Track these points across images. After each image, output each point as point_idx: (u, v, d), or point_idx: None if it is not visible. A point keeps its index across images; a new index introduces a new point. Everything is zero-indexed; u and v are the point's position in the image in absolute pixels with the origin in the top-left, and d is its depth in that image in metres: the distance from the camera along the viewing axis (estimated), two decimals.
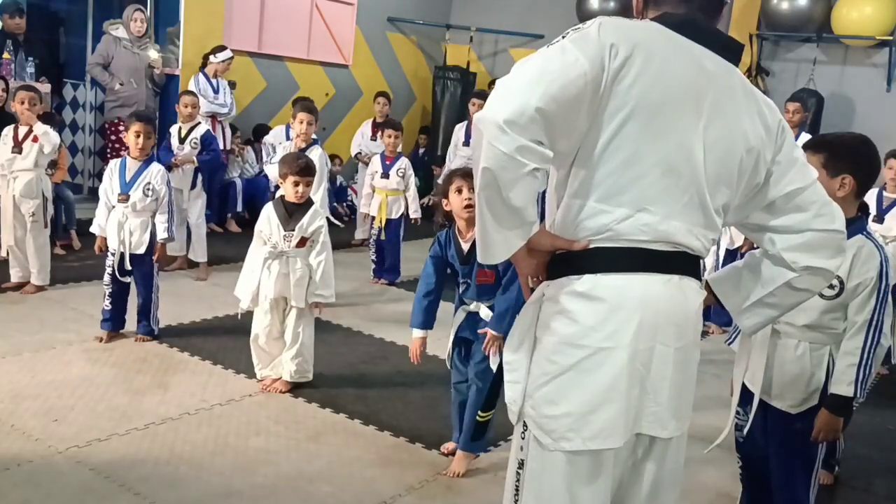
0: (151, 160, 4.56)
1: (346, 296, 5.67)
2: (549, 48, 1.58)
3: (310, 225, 3.88)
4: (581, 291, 1.64)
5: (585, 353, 1.63)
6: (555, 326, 1.66)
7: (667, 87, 1.60)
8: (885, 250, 2.46)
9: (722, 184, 1.69)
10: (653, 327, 1.64)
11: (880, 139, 2.67)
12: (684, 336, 1.70)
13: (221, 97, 7.24)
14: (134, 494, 2.90)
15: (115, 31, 7.01)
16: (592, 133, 1.60)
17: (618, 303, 1.63)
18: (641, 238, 1.63)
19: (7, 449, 3.13)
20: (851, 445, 3.67)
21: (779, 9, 8.08)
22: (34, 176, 5.12)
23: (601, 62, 1.55)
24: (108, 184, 4.45)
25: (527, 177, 1.52)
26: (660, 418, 1.69)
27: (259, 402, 3.82)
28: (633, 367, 1.63)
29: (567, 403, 1.64)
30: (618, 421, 1.64)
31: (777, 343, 2.50)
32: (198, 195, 5.97)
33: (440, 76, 9.78)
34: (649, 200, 1.62)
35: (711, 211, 1.69)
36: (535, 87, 1.51)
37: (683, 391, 1.73)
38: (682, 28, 1.65)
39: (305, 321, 3.95)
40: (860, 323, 2.39)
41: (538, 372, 1.69)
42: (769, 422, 2.55)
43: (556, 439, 1.65)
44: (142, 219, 4.42)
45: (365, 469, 3.26)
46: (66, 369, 3.97)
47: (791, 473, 2.53)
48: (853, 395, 2.39)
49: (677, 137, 1.62)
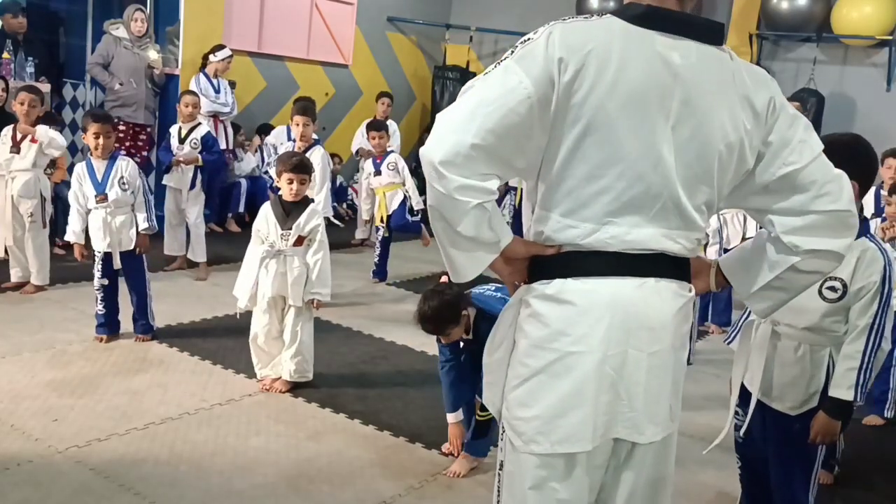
0: (116, 156, 4.48)
1: (346, 296, 5.68)
2: (494, 69, 1.56)
3: (307, 223, 3.89)
4: (550, 294, 1.63)
5: (554, 356, 1.62)
6: (527, 329, 1.67)
7: (625, 94, 1.53)
8: (889, 254, 2.45)
9: (700, 183, 1.63)
10: (624, 331, 1.61)
11: (880, 139, 2.67)
12: (660, 340, 1.65)
13: (223, 97, 7.24)
14: (134, 494, 2.90)
15: (116, 31, 7.01)
16: (552, 148, 1.57)
17: (586, 306, 1.61)
18: (610, 249, 1.61)
19: (7, 449, 3.13)
20: (851, 445, 3.67)
21: (779, 9, 8.07)
22: (32, 176, 5.12)
23: (549, 79, 1.51)
24: (78, 189, 4.39)
25: (472, 210, 1.53)
26: (635, 424, 1.66)
27: (259, 402, 3.82)
28: (602, 372, 1.61)
29: (537, 406, 1.64)
30: (586, 425, 1.62)
31: (777, 344, 2.49)
32: (196, 195, 5.96)
33: (440, 76, 9.79)
34: (615, 213, 1.58)
35: (691, 212, 1.63)
36: (470, 123, 1.51)
37: (662, 396, 1.68)
38: (646, 20, 1.55)
39: (304, 320, 3.95)
40: (861, 327, 2.37)
41: (511, 374, 1.70)
42: (768, 423, 2.54)
43: (526, 441, 1.66)
44: (124, 215, 4.39)
45: (365, 469, 3.26)
46: (66, 369, 3.97)
47: (790, 474, 2.53)
48: (853, 399, 2.38)
49: (641, 145, 1.56)
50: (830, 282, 2.38)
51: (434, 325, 3.10)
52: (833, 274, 2.28)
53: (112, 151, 4.49)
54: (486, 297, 3.27)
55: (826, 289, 2.39)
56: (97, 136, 4.35)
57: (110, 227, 4.35)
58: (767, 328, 2.50)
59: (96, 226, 4.37)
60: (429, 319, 3.08)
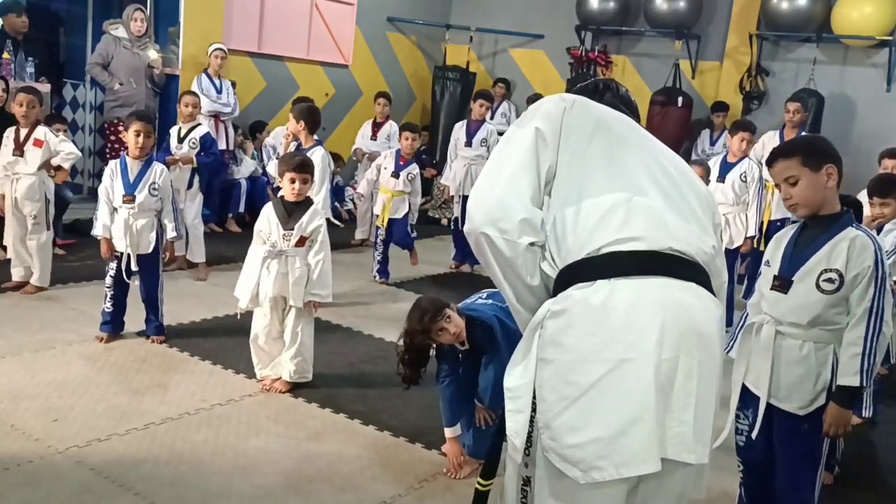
0: (152, 160, 4.53)
1: (346, 296, 5.67)
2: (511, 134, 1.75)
3: (309, 224, 3.89)
4: (593, 299, 1.54)
5: (606, 367, 1.50)
6: (567, 343, 1.55)
7: (613, 119, 1.75)
8: (878, 239, 2.48)
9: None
10: (676, 335, 1.52)
11: (880, 139, 2.69)
12: (709, 349, 1.58)
13: (225, 97, 7.25)
14: (134, 494, 2.90)
15: (115, 31, 7.01)
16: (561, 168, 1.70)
17: (635, 308, 1.52)
18: (653, 247, 1.60)
19: (7, 449, 3.13)
20: (851, 445, 3.66)
21: (779, 9, 8.07)
22: (37, 179, 5.12)
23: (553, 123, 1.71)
24: (109, 185, 4.40)
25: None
26: (685, 440, 1.53)
27: (259, 402, 3.82)
28: (658, 380, 1.50)
29: (592, 428, 1.51)
30: (651, 441, 1.49)
31: (782, 345, 2.50)
32: (194, 195, 5.95)
33: (440, 76, 9.79)
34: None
35: (700, 216, 1.72)
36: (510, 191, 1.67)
37: (709, 412, 1.59)
38: (596, 94, 1.86)
39: (305, 321, 3.95)
40: (861, 312, 2.39)
41: (554, 398, 1.55)
42: (775, 424, 2.54)
43: (586, 470, 1.51)
44: (147, 219, 4.40)
45: (365, 469, 3.26)
46: (66, 369, 3.97)
47: (798, 474, 2.53)
48: (859, 384, 2.39)
49: (641, 155, 1.72)
50: (827, 274, 2.41)
51: (432, 310, 3.07)
52: (828, 266, 2.39)
53: (150, 153, 4.52)
54: (477, 306, 3.27)
55: (823, 281, 2.41)
56: (138, 135, 4.35)
57: (131, 230, 4.34)
58: (771, 329, 2.51)
59: (118, 226, 4.36)
60: (425, 309, 3.08)
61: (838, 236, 2.42)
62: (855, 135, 7.78)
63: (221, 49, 7.27)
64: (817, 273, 2.42)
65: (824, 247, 2.43)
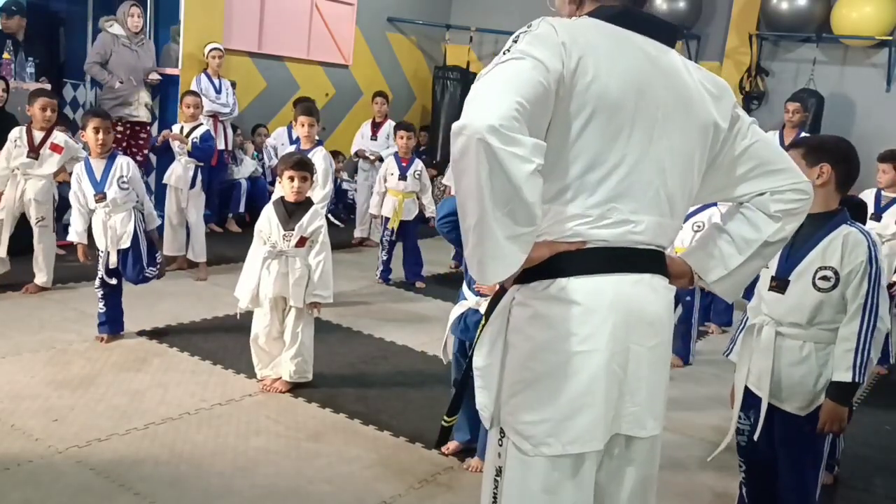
0: (115, 155, 4.47)
1: (346, 296, 5.68)
2: (505, 56, 1.51)
3: (309, 224, 3.89)
4: (554, 295, 1.62)
5: (562, 357, 1.61)
6: (530, 332, 1.64)
7: (621, 84, 1.58)
8: (872, 235, 2.49)
9: (685, 169, 1.70)
10: (626, 328, 1.63)
11: (880, 139, 2.69)
12: (658, 334, 1.70)
13: (224, 97, 7.24)
14: (134, 494, 2.90)
15: (111, 29, 6.94)
16: (553, 136, 1.55)
17: (591, 306, 1.61)
18: (614, 239, 1.63)
19: (7, 449, 3.13)
20: (851, 445, 3.67)
21: (779, 9, 8.08)
22: (48, 181, 5.13)
23: (560, 59, 1.51)
24: (77, 189, 4.38)
25: (532, 175, 1.44)
26: (638, 418, 1.69)
27: (259, 402, 3.82)
28: (610, 370, 1.62)
29: (546, 409, 1.62)
30: (598, 424, 1.63)
31: (782, 346, 2.51)
32: (197, 195, 5.94)
33: (440, 76, 9.79)
34: (616, 199, 1.61)
35: (677, 199, 1.70)
36: (506, 92, 1.43)
37: (660, 390, 1.73)
38: (620, 19, 1.64)
39: (305, 321, 3.95)
40: (855, 308, 2.41)
41: (514, 379, 1.67)
42: (777, 425, 2.55)
43: (536, 445, 1.64)
44: (124, 213, 4.38)
45: (365, 469, 3.26)
46: (66, 369, 3.97)
47: (801, 474, 2.54)
48: (852, 379, 2.39)
49: (637, 132, 1.61)
50: (822, 272, 2.42)
51: None
52: (823, 264, 2.42)
53: (111, 149, 4.48)
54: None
55: (819, 279, 2.43)
56: (97, 131, 4.33)
57: (109, 227, 4.35)
58: (771, 331, 2.52)
59: (97, 224, 4.37)
60: None
61: (832, 234, 2.44)
62: (855, 135, 7.75)
63: (218, 49, 7.28)
64: (813, 271, 2.44)
65: (819, 245, 2.44)
